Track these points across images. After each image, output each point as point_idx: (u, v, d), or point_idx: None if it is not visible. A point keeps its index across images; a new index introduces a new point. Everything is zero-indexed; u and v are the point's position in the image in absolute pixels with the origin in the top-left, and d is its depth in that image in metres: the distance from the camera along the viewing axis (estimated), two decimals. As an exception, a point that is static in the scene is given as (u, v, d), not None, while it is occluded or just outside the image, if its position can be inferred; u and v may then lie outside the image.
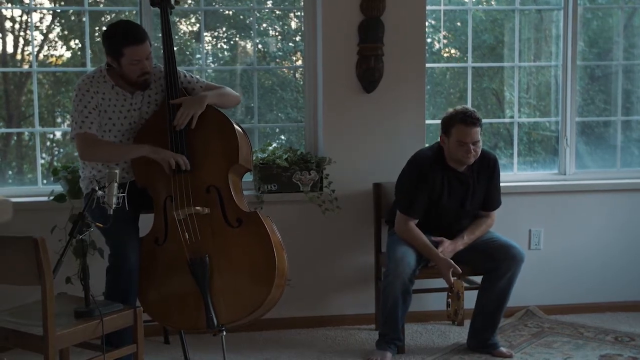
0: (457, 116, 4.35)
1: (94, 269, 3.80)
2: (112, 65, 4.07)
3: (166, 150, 4.03)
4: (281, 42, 5.41)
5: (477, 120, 4.35)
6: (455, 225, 4.54)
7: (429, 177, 4.41)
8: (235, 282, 3.98)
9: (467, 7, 5.36)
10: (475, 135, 4.34)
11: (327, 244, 5.01)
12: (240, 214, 4.05)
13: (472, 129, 4.33)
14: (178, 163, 3.99)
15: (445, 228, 4.52)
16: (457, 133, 4.33)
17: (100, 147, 4.05)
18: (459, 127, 4.33)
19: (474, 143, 4.34)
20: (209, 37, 5.39)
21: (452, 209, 4.48)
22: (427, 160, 4.45)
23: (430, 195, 4.43)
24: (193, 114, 4.05)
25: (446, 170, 4.44)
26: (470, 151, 4.35)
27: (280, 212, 4.72)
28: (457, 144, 4.34)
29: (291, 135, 5.36)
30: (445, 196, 4.44)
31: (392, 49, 4.94)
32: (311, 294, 5.01)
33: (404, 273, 4.32)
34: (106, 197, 3.50)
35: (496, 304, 4.45)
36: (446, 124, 4.41)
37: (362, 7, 4.89)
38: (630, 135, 5.68)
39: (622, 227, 5.34)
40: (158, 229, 4.10)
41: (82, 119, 4.01)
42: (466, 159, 4.38)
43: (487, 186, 4.54)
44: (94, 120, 4.03)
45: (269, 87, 5.38)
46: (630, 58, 5.63)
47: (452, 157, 4.40)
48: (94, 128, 4.03)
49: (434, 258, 4.39)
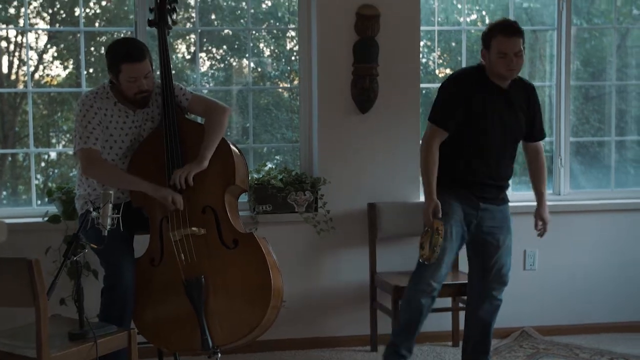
0: (497, 27, 4.13)
1: (89, 290, 3.78)
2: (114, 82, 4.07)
3: (165, 189, 4.00)
4: (276, 62, 5.42)
5: (518, 30, 4.11)
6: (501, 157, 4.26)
7: (468, 90, 4.16)
8: (231, 304, 3.96)
9: (462, 27, 5.38)
10: (517, 46, 4.08)
11: (322, 265, 5.00)
12: (236, 234, 4.04)
13: (513, 39, 4.08)
14: (175, 201, 3.98)
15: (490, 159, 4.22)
16: (497, 44, 4.08)
17: (103, 168, 4.04)
18: (499, 38, 4.08)
19: (516, 54, 4.08)
20: (204, 58, 5.40)
21: (496, 130, 4.18)
22: (467, 75, 4.25)
23: (472, 111, 4.14)
24: (188, 172, 4.00)
25: (488, 86, 4.19)
26: (513, 62, 4.09)
27: (275, 232, 4.70)
28: (498, 56, 4.09)
29: (286, 156, 5.36)
30: (488, 113, 4.16)
31: (387, 69, 4.96)
32: (306, 315, 4.99)
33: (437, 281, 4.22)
34: (101, 218, 3.49)
35: (481, 330, 4.39)
36: (486, 37, 4.16)
37: (356, 28, 4.91)
38: (625, 154, 5.70)
39: (617, 247, 5.34)
40: (154, 250, 4.08)
41: (87, 134, 4.00)
42: (509, 72, 4.13)
43: (529, 111, 4.30)
44: (98, 136, 4.02)
45: (264, 107, 5.38)
46: (624, 78, 5.66)
47: (494, 71, 4.15)
48: (98, 144, 4.02)
49: (427, 196, 4.15)
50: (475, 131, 4.16)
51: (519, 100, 4.25)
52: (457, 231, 4.21)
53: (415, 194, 5.06)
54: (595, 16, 5.70)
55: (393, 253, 5.02)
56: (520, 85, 4.28)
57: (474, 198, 4.22)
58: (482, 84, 4.18)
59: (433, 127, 4.19)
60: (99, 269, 4.29)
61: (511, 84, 4.22)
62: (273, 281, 3.94)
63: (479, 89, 4.16)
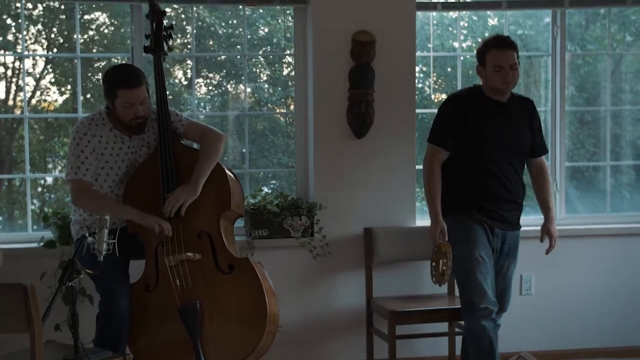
0: (491, 42, 4.17)
1: (84, 316, 3.77)
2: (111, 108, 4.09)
3: (152, 217, 4.00)
4: (273, 87, 5.45)
5: (511, 43, 4.15)
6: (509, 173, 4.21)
7: (465, 109, 4.17)
8: (227, 329, 3.96)
9: (457, 53, 5.41)
10: (512, 58, 4.11)
11: (318, 290, 5.00)
12: (232, 260, 4.04)
13: (507, 52, 4.11)
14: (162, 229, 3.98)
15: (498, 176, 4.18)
16: (492, 58, 4.12)
17: (93, 200, 4.05)
18: (493, 52, 4.12)
19: (511, 66, 4.10)
20: (201, 83, 5.42)
21: (499, 145, 4.17)
22: (464, 95, 4.29)
23: (472, 129, 4.14)
24: (183, 202, 4.01)
25: (486, 103, 4.19)
26: (509, 74, 4.10)
27: (271, 257, 4.70)
28: (494, 70, 4.11)
29: (282, 181, 5.38)
30: (490, 130, 4.15)
31: (383, 94, 4.98)
32: (302, 341, 4.98)
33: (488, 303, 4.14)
34: (96, 244, 3.49)
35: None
36: (481, 53, 4.19)
37: (352, 54, 4.93)
38: (620, 179, 5.71)
39: (613, 272, 5.33)
40: (149, 275, 4.08)
41: (78, 164, 4.02)
42: (505, 85, 4.13)
43: (531, 127, 4.29)
44: (89, 167, 4.03)
45: (261, 132, 5.40)
46: (618, 103, 5.68)
47: (491, 86, 4.16)
48: (88, 175, 4.03)
49: (433, 216, 4.15)
50: (478, 149, 4.16)
51: (520, 115, 4.26)
52: (485, 252, 4.17)
53: (412, 219, 5.07)
54: (589, 42, 5.74)
55: (389, 278, 5.02)
56: (519, 100, 4.31)
57: (490, 222, 4.20)
58: (480, 102, 4.20)
59: (432, 147, 4.21)
60: (94, 295, 4.28)
61: (510, 99, 4.23)
62: (269, 306, 3.94)
63: (476, 106, 4.18)
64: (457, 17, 5.46)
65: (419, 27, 5.24)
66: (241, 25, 5.21)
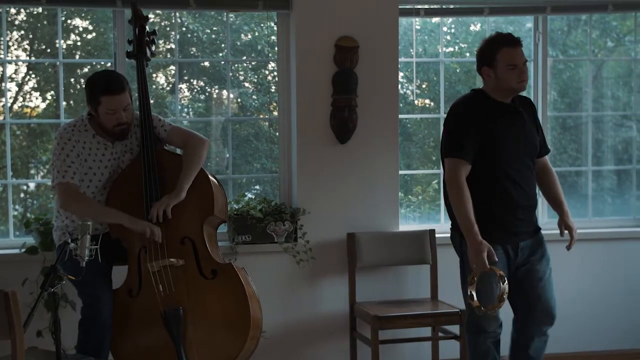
0: (500, 40, 3.96)
1: (66, 322, 3.75)
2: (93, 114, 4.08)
3: (143, 221, 4.01)
4: (256, 93, 5.45)
5: (520, 40, 3.97)
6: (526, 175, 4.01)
7: (475, 115, 3.95)
8: (210, 335, 3.96)
9: (440, 59, 5.43)
10: (523, 56, 3.95)
11: (302, 295, 5.00)
12: (215, 265, 4.04)
13: (519, 49, 3.94)
14: (153, 234, 3.98)
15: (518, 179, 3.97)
16: (504, 57, 3.90)
17: (81, 202, 4.03)
18: (505, 50, 3.91)
19: (524, 64, 3.94)
20: (184, 89, 5.42)
21: (514, 148, 3.96)
22: (469, 101, 4.06)
23: (485, 135, 3.91)
24: (167, 204, 4.02)
25: (493, 107, 3.98)
26: (525, 72, 3.93)
27: (254, 263, 4.70)
28: (508, 69, 3.90)
29: (266, 186, 5.38)
30: (501, 130, 3.94)
31: (366, 100, 4.99)
32: (286, 346, 4.97)
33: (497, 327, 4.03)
34: (79, 250, 3.47)
35: None
36: (488, 53, 3.96)
37: (335, 60, 4.95)
38: (602, 184, 5.75)
39: (594, 276, 5.36)
40: (132, 281, 4.07)
41: (65, 168, 4.00)
42: (520, 84, 3.94)
43: (536, 126, 4.13)
44: (76, 170, 4.02)
45: (245, 137, 5.40)
46: (600, 109, 5.72)
47: (504, 86, 3.95)
48: (76, 178, 4.02)
49: (472, 238, 3.83)
50: (495, 154, 3.95)
51: (527, 114, 4.09)
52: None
53: (395, 224, 5.08)
54: (571, 48, 5.78)
55: (373, 283, 5.03)
56: (521, 100, 4.13)
57: (514, 238, 4.00)
58: (487, 105, 4.00)
59: (453, 161, 3.93)
60: (76, 301, 4.26)
61: (514, 99, 4.05)
62: (252, 311, 3.94)
63: (485, 110, 3.98)
64: (439, 22, 5.49)
65: (402, 32, 5.26)
66: (225, 31, 5.22)
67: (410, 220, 5.47)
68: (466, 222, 3.85)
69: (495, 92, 4.00)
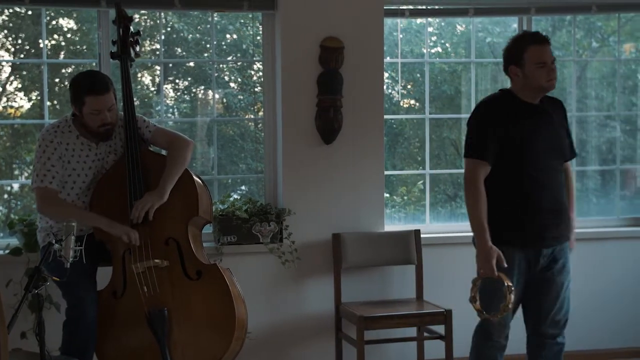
0: (527, 38, 3.88)
1: (50, 323, 3.74)
2: (77, 115, 4.06)
3: (121, 226, 3.99)
4: (242, 93, 5.45)
5: (548, 38, 3.88)
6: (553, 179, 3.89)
7: (500, 115, 3.85)
8: (195, 335, 3.95)
9: (425, 59, 5.44)
10: (551, 54, 3.86)
11: (287, 296, 5.00)
12: (200, 266, 4.03)
13: (547, 47, 3.85)
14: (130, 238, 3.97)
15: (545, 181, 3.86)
16: (533, 56, 3.81)
17: (59, 207, 4.02)
18: (533, 47, 3.81)
19: (552, 62, 3.85)
20: (170, 89, 5.41)
21: (542, 149, 3.85)
22: (495, 100, 3.96)
23: (511, 136, 3.81)
24: (150, 205, 4.01)
25: (520, 107, 3.88)
26: (554, 71, 3.84)
27: (240, 263, 4.70)
28: (537, 67, 3.80)
29: (252, 186, 5.37)
30: (528, 131, 3.83)
31: (351, 100, 5.00)
32: (271, 346, 4.97)
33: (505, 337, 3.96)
34: (63, 251, 3.46)
35: None
36: (516, 51, 3.87)
37: (320, 60, 4.95)
38: (586, 184, 5.77)
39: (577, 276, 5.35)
40: (116, 282, 4.06)
41: (44, 172, 3.99)
42: (549, 82, 3.84)
43: (565, 128, 4.03)
44: (55, 175, 4.01)
45: (230, 138, 5.40)
46: (584, 109, 5.74)
47: (533, 85, 3.85)
48: (54, 183, 4.00)
49: (482, 242, 3.76)
50: (520, 156, 3.85)
51: (556, 115, 3.99)
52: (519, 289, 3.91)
53: (380, 224, 5.08)
54: (555, 48, 5.74)
55: (358, 283, 5.03)
56: (550, 100, 4.04)
57: (535, 242, 3.89)
58: (513, 105, 3.89)
59: (472, 162, 3.86)
60: (61, 302, 4.25)
61: (542, 99, 3.96)
62: (237, 312, 3.94)
63: (512, 110, 3.88)
64: (425, 23, 5.50)
65: (387, 33, 5.27)
66: (210, 31, 5.21)
67: (396, 220, 5.47)
68: (478, 225, 3.79)
69: (523, 92, 3.90)
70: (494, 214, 3.82)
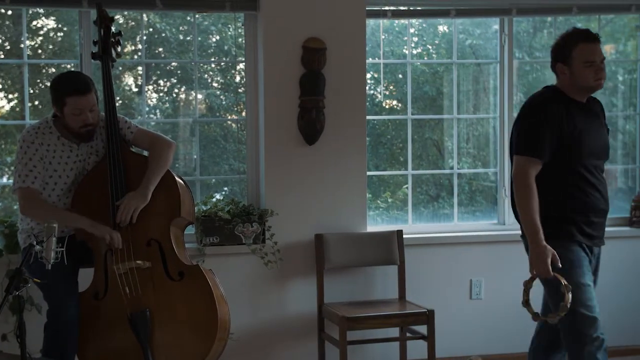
0: (577, 35, 3.77)
1: (32, 325, 3.72)
2: (58, 116, 4.04)
3: (104, 226, 3.98)
4: (225, 94, 5.44)
5: (598, 36, 3.78)
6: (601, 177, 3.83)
7: (555, 112, 3.71)
8: (177, 337, 3.95)
9: (407, 60, 5.46)
10: (601, 53, 3.76)
11: (270, 296, 4.99)
12: (182, 267, 4.03)
13: (597, 45, 3.75)
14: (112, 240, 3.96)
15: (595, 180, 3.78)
16: (581, 54, 3.71)
17: (41, 208, 4.00)
18: (581, 45, 3.72)
19: (602, 61, 3.75)
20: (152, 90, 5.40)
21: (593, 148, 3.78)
22: (547, 98, 3.79)
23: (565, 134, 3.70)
24: (135, 208, 4.00)
25: (571, 105, 3.77)
26: (603, 70, 3.75)
27: (222, 264, 4.70)
28: (585, 66, 3.71)
29: (234, 187, 5.37)
30: (580, 131, 3.72)
31: (334, 101, 5.00)
32: (254, 347, 4.97)
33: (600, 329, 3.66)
34: (44, 252, 3.45)
35: None
36: (564, 49, 3.77)
37: (303, 61, 4.95)
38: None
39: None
40: (98, 283, 4.05)
41: (26, 172, 3.97)
42: (597, 82, 3.75)
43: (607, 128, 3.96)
44: (37, 175, 3.99)
45: (212, 138, 5.39)
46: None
47: (581, 84, 3.76)
48: (37, 183, 3.99)
49: (536, 240, 3.62)
50: (573, 155, 3.75)
51: (600, 114, 3.94)
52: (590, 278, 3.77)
53: (362, 225, 5.09)
54: (536, 49, 5.83)
55: (341, 284, 5.04)
56: (594, 100, 3.95)
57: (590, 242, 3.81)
58: (565, 103, 3.78)
59: (525, 160, 3.72)
60: (42, 304, 4.23)
61: (588, 98, 3.88)
62: (219, 313, 3.94)
63: (565, 109, 3.75)
64: (407, 24, 5.51)
65: (370, 34, 5.28)
66: (192, 32, 5.20)
67: (378, 221, 5.48)
68: (531, 224, 3.66)
69: (572, 90, 3.81)
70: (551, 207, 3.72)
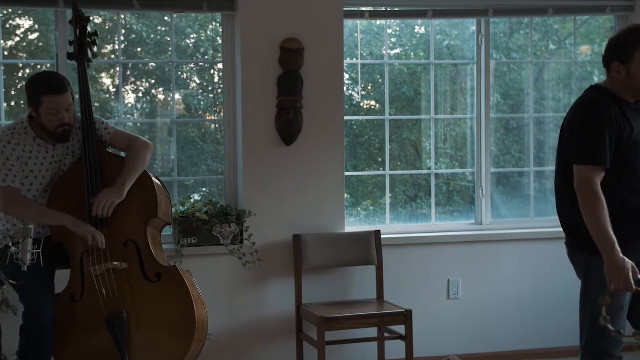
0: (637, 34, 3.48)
1: (7, 327, 3.71)
2: (34, 116, 4.02)
3: (87, 225, 3.97)
4: (203, 95, 5.43)
5: None
6: None
7: (611, 116, 3.44)
8: (155, 338, 3.94)
9: (384, 61, 5.47)
10: None
11: (248, 297, 4.99)
12: (159, 268, 4.02)
13: None
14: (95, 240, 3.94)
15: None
16: None
17: (23, 206, 3.99)
18: None
19: None
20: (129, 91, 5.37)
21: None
22: (601, 101, 3.49)
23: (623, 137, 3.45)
24: (111, 203, 3.99)
25: (623, 106, 3.50)
26: None
27: (200, 265, 4.69)
28: None
29: (212, 188, 5.36)
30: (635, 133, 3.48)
31: (312, 102, 5.01)
32: (232, 348, 4.96)
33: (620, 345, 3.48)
34: (20, 254, 3.43)
35: None
36: (626, 47, 3.47)
37: (281, 61, 4.95)
38: (544, 184, 5.84)
39: (537, 275, 5.44)
40: (74, 285, 4.03)
41: (5, 172, 3.95)
42: None
43: None
44: (17, 174, 3.97)
45: (190, 139, 5.38)
46: (542, 110, 5.81)
47: (636, 88, 3.50)
48: (17, 182, 3.97)
49: (613, 253, 3.32)
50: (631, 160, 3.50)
51: None
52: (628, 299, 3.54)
53: (341, 225, 5.10)
54: (513, 51, 5.86)
55: (319, 284, 5.04)
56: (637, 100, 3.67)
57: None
58: (618, 105, 3.50)
59: (588, 169, 3.42)
60: (18, 306, 4.20)
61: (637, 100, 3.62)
62: (197, 314, 3.93)
63: (619, 111, 3.49)
64: (384, 25, 5.52)
65: (347, 34, 5.29)
66: (170, 32, 5.19)
67: (356, 221, 5.49)
68: (606, 237, 3.34)
69: (625, 92, 3.54)
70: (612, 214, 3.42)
